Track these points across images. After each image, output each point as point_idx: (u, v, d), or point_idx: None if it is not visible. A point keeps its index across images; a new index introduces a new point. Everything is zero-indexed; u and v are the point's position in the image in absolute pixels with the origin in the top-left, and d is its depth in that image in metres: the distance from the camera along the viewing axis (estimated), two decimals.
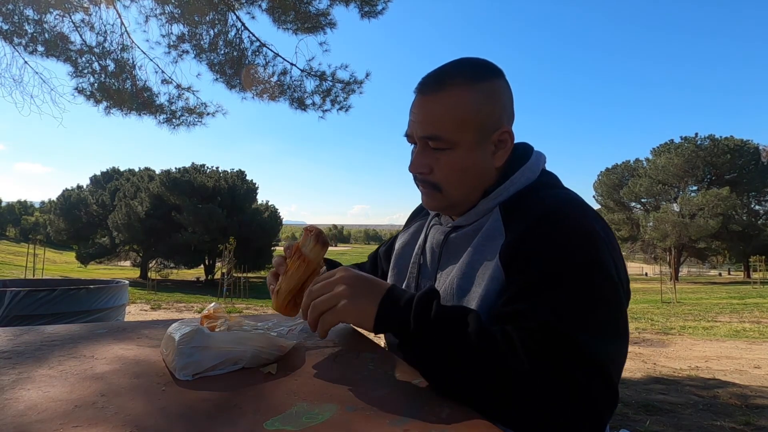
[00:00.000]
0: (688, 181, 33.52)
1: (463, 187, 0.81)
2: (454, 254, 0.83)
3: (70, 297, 3.89)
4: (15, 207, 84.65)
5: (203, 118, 5.72)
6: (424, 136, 0.79)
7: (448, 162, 0.79)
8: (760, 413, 3.34)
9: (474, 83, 0.77)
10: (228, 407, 0.58)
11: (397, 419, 0.55)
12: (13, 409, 0.56)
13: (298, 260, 0.84)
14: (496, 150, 0.80)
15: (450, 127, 0.77)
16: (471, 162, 0.79)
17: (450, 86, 0.77)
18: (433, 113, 0.78)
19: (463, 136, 0.77)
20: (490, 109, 0.78)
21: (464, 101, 0.76)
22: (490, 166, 0.81)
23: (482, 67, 0.80)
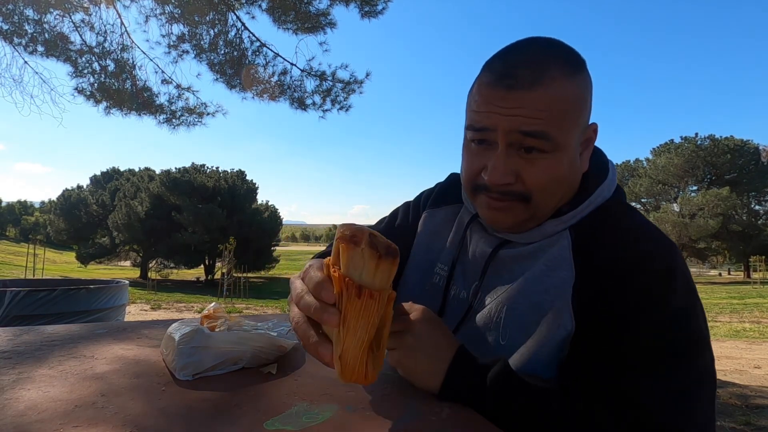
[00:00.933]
0: (688, 181, 33.54)
1: (555, 198, 0.68)
2: (503, 275, 0.71)
3: (70, 297, 3.90)
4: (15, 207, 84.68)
5: (203, 118, 5.73)
6: (530, 132, 0.63)
7: (546, 167, 0.64)
8: (760, 413, 3.33)
9: (573, 75, 0.65)
10: (228, 407, 0.58)
11: (397, 419, 0.55)
12: (13, 409, 0.56)
13: (360, 300, 0.49)
14: (582, 151, 0.69)
15: (557, 125, 0.63)
16: (567, 168, 0.66)
17: (550, 79, 0.63)
18: (536, 108, 0.63)
19: (569, 136, 0.65)
20: (587, 102, 0.67)
21: (569, 95, 0.64)
22: (579, 172, 0.70)
23: (575, 56, 0.67)
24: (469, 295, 0.75)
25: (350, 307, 0.49)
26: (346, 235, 0.50)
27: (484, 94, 0.66)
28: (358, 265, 0.50)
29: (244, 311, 10.43)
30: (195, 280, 28.52)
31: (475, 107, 0.67)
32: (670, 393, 0.57)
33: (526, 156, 0.65)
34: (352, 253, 0.50)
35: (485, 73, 0.67)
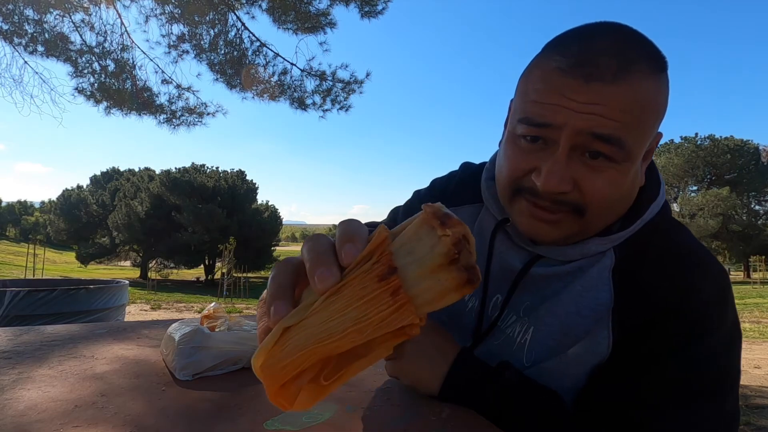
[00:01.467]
0: (688, 181, 33.53)
1: (611, 213, 0.60)
2: (536, 294, 0.64)
3: (70, 297, 3.90)
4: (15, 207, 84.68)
5: (203, 118, 5.73)
6: (604, 136, 0.53)
7: (614, 178, 0.56)
8: (760, 413, 3.34)
9: (659, 75, 0.55)
10: (228, 407, 0.58)
11: (397, 419, 0.55)
12: (13, 409, 0.56)
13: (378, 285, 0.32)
14: (643, 162, 0.60)
15: (634, 130, 0.54)
16: (630, 180, 0.58)
17: (637, 74, 0.53)
18: (617, 107, 0.52)
19: (642, 144, 0.56)
20: (665, 104, 0.58)
21: (652, 98, 0.55)
22: (637, 186, 0.61)
23: (661, 54, 0.57)
24: (490, 310, 0.69)
25: (356, 283, 0.32)
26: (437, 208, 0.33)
27: (552, 83, 0.54)
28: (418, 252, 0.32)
29: (244, 311, 10.44)
30: (195, 280, 28.52)
31: (536, 97, 0.56)
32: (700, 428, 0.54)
33: (590, 162, 0.55)
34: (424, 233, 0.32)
35: (555, 55, 0.55)
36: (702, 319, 0.55)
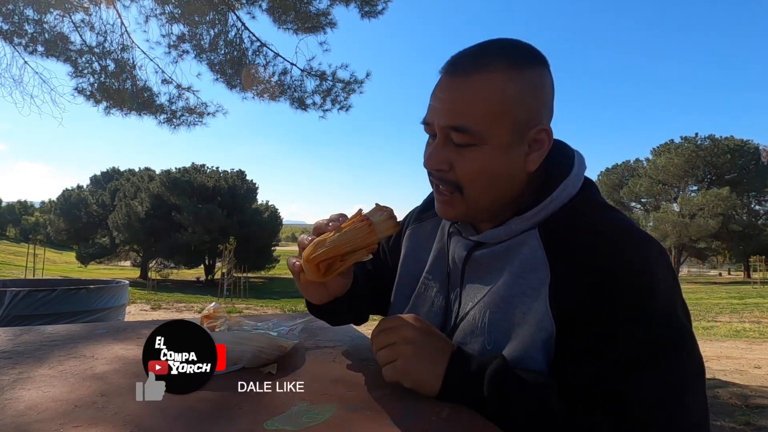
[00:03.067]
0: (688, 181, 33.53)
1: (489, 192, 0.69)
2: (481, 277, 0.72)
3: (70, 297, 3.90)
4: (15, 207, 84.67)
5: (203, 117, 5.73)
6: (449, 126, 0.65)
7: (474, 160, 0.66)
8: (760, 413, 3.34)
9: (517, 69, 0.65)
10: (228, 407, 0.58)
11: (397, 419, 0.55)
12: (13, 409, 0.56)
13: (361, 222, 0.68)
14: (530, 151, 0.68)
15: (482, 118, 0.64)
16: (501, 164, 0.66)
17: (488, 69, 0.64)
18: (463, 99, 0.64)
19: (497, 131, 0.65)
20: (530, 101, 0.66)
21: (503, 89, 0.64)
22: (521, 171, 0.69)
23: (528, 52, 0.67)
24: (453, 301, 0.76)
25: (350, 223, 0.69)
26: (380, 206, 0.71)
27: (434, 87, 0.69)
28: (378, 214, 0.69)
29: (244, 311, 10.43)
30: (195, 280, 28.52)
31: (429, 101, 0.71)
32: (665, 390, 0.58)
33: (458, 149, 0.67)
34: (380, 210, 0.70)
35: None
36: (640, 294, 0.59)
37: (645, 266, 0.61)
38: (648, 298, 0.59)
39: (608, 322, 0.59)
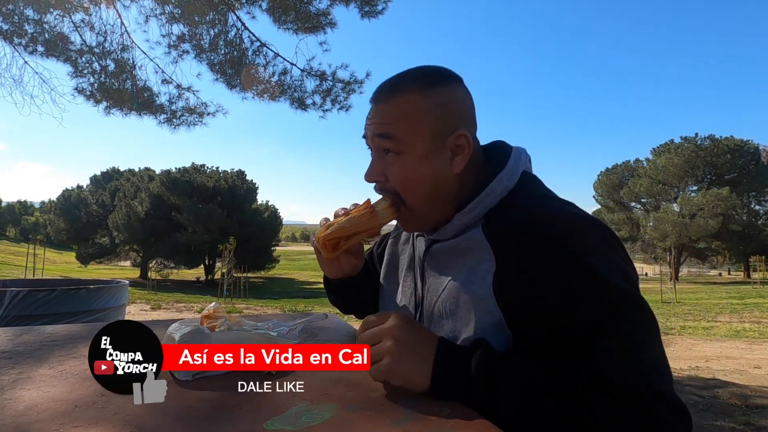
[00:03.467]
0: (688, 181, 33.52)
1: (422, 197, 0.77)
2: (439, 270, 0.79)
3: (70, 297, 3.90)
4: (15, 207, 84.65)
5: (203, 117, 5.73)
6: (378, 134, 0.76)
7: (401, 168, 0.76)
8: (760, 413, 3.34)
9: (426, 89, 0.76)
10: (228, 407, 0.58)
11: (397, 419, 0.55)
12: (13, 409, 0.56)
13: (365, 210, 0.80)
14: (453, 156, 0.76)
15: (402, 131, 0.75)
16: (426, 169, 0.75)
17: (402, 92, 0.76)
18: (386, 117, 0.76)
19: (416, 141, 0.75)
20: (443, 113, 0.75)
21: (416, 106, 0.75)
22: (449, 174, 0.76)
23: (436, 74, 0.78)
24: (421, 295, 0.83)
25: (357, 209, 0.81)
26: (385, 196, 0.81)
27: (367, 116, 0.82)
28: (381, 203, 0.80)
29: (244, 311, 10.44)
30: (195, 280, 28.53)
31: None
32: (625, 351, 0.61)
33: (387, 158, 0.77)
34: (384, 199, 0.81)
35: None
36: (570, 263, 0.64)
37: (573, 244, 0.65)
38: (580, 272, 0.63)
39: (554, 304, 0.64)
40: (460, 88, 0.78)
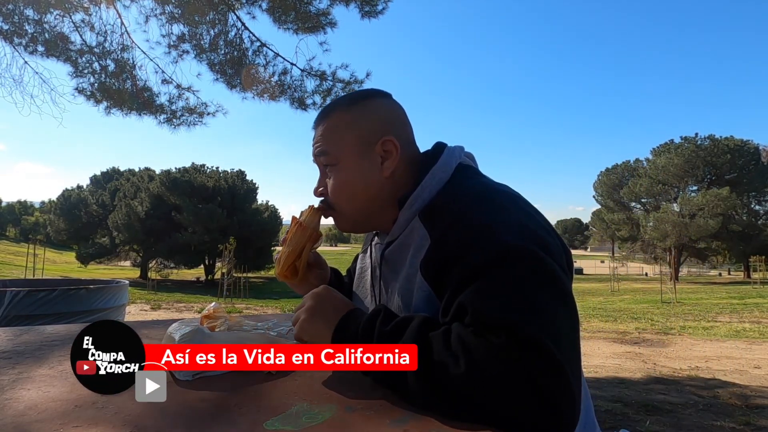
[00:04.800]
0: (688, 181, 33.51)
1: (354, 201, 0.84)
2: (393, 270, 0.84)
3: (70, 297, 3.90)
4: (15, 207, 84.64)
5: (204, 117, 5.72)
6: (316, 153, 0.87)
7: (336, 178, 0.84)
8: (760, 413, 3.34)
9: (349, 106, 0.86)
10: (228, 407, 0.58)
11: (397, 419, 0.55)
12: (13, 409, 0.56)
13: (295, 226, 0.91)
14: (383, 160, 0.83)
15: (333, 143, 0.84)
16: (357, 174, 0.83)
17: (330, 113, 0.87)
18: (320, 135, 0.86)
19: (344, 150, 0.83)
20: (366, 124, 0.84)
21: (341, 122, 0.84)
22: (379, 177, 0.83)
23: (358, 93, 0.89)
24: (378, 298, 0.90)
25: (290, 232, 0.92)
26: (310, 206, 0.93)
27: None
28: (303, 214, 0.91)
29: (244, 311, 10.44)
30: (195, 280, 28.52)
31: None
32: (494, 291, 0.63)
33: (327, 173, 0.86)
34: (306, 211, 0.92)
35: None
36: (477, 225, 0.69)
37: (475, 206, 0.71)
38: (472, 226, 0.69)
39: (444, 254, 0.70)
40: (384, 101, 0.87)
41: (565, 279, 0.68)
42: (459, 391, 0.57)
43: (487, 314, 0.61)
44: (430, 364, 0.60)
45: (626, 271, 42.63)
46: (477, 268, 0.65)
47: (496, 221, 0.69)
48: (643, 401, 3.58)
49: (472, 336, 0.60)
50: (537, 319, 0.60)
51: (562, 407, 0.57)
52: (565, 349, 0.60)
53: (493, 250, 0.66)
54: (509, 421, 0.56)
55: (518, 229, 0.68)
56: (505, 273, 0.64)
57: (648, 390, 3.99)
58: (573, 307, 0.67)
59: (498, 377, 0.56)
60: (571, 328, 0.65)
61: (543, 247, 0.68)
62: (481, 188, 0.77)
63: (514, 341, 0.58)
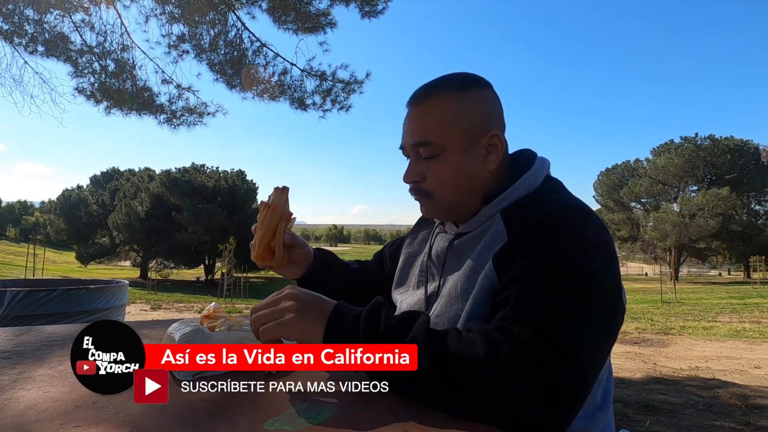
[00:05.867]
0: (688, 181, 33.49)
1: (455, 192, 0.82)
2: (459, 260, 0.83)
3: (70, 297, 3.90)
4: (15, 207, 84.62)
5: (203, 117, 5.72)
6: (415, 144, 0.82)
7: (439, 168, 0.81)
8: (760, 413, 3.34)
9: (460, 92, 0.81)
10: (228, 407, 0.58)
11: (397, 419, 0.55)
12: (13, 409, 0.56)
13: (264, 209, 0.91)
14: (487, 154, 0.82)
15: (438, 132, 0.80)
16: (462, 166, 0.81)
17: (437, 96, 0.81)
18: (422, 121, 0.82)
19: (452, 140, 0.80)
20: (476, 114, 0.81)
21: (451, 108, 0.80)
22: (483, 171, 0.82)
23: (468, 78, 0.84)
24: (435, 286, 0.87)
25: (260, 216, 0.91)
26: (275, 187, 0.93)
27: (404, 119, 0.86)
28: (271, 196, 0.92)
29: (244, 311, 10.43)
30: (195, 280, 28.51)
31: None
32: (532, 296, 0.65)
33: (427, 162, 0.82)
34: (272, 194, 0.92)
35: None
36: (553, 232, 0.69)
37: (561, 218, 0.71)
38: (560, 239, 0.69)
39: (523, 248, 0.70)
40: (489, 91, 0.84)
41: (620, 311, 0.71)
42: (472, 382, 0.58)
43: (523, 311, 0.63)
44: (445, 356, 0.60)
45: (626, 271, 42.61)
46: (538, 268, 0.66)
47: (574, 234, 0.70)
48: (643, 401, 3.58)
49: (496, 331, 0.62)
50: (574, 331, 0.61)
51: (571, 414, 0.59)
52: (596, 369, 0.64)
53: (560, 258, 0.67)
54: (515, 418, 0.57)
55: (594, 250, 0.69)
56: (561, 283, 0.65)
57: (648, 390, 3.99)
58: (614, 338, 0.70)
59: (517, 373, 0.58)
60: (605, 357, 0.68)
61: (611, 273, 0.69)
62: (568, 202, 0.77)
63: (543, 343, 0.60)
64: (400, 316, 0.68)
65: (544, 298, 0.64)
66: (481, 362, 0.58)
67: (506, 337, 0.61)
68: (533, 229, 0.71)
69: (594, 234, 0.71)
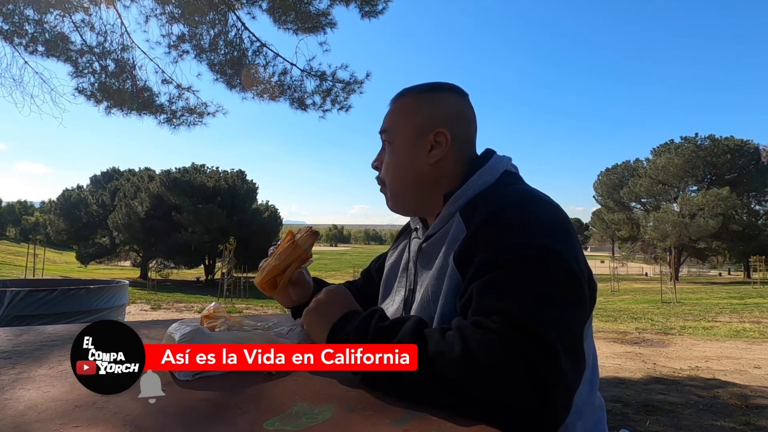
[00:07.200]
0: (688, 181, 33.48)
1: (401, 182, 0.90)
2: (429, 261, 0.86)
3: (70, 297, 3.90)
4: (15, 207, 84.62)
5: (204, 117, 5.72)
6: (380, 131, 0.93)
7: (389, 156, 0.91)
8: (760, 413, 3.34)
9: (423, 93, 0.91)
10: (228, 407, 0.58)
11: (397, 419, 0.55)
12: (13, 409, 0.56)
13: (288, 242, 0.94)
14: (431, 149, 0.87)
15: (394, 123, 0.91)
16: (405, 155, 0.89)
17: (405, 96, 0.92)
18: (388, 115, 0.93)
19: (403, 131, 0.90)
20: (430, 113, 0.88)
21: (410, 105, 0.91)
22: (423, 163, 0.88)
23: (438, 84, 0.92)
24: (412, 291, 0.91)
25: (282, 246, 0.95)
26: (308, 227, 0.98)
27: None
28: (300, 233, 0.95)
29: (244, 311, 10.44)
30: (195, 280, 28.51)
31: None
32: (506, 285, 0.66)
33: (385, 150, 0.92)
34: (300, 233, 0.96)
35: None
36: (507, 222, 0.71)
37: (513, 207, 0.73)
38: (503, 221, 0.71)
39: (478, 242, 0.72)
40: (455, 97, 0.91)
41: (584, 284, 0.70)
42: (455, 379, 0.59)
43: (489, 302, 0.64)
44: (427, 356, 0.62)
45: (626, 271, 42.58)
46: (497, 260, 0.68)
47: (526, 220, 0.71)
48: (643, 401, 3.58)
49: (470, 326, 0.63)
50: (540, 312, 0.62)
51: (557, 397, 0.58)
52: (568, 346, 0.62)
53: (516, 245, 0.68)
54: (503, 408, 0.57)
55: (546, 231, 0.71)
56: (521, 268, 0.66)
57: (648, 390, 3.99)
58: (584, 312, 0.70)
59: (493, 363, 0.58)
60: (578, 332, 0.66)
61: (568, 249, 0.69)
62: (521, 192, 0.80)
63: (512, 328, 0.60)
64: (389, 321, 0.71)
65: (506, 285, 0.65)
66: (460, 358, 0.59)
67: (479, 329, 0.62)
68: (486, 222, 0.73)
69: (546, 216, 0.73)
